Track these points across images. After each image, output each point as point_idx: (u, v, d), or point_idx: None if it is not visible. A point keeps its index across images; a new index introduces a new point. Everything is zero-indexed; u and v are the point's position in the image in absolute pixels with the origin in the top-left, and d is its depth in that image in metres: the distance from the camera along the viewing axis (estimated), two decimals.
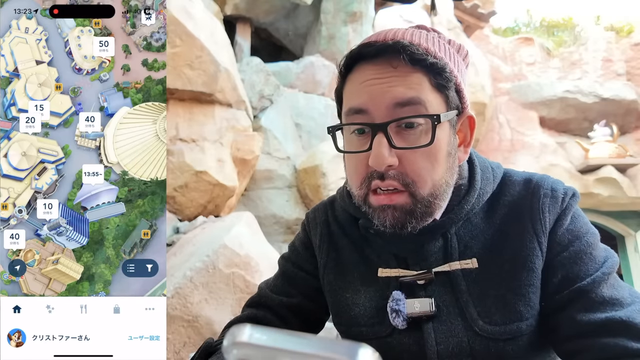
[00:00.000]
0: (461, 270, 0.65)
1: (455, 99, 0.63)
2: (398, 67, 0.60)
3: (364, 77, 0.62)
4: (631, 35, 6.20)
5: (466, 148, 0.68)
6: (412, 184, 0.60)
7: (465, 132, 0.68)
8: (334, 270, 0.75)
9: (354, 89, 0.63)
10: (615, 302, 0.58)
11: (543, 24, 7.34)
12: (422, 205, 0.61)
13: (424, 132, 0.60)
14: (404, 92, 0.59)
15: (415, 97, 0.59)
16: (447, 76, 0.61)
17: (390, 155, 0.58)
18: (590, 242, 0.64)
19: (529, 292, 0.62)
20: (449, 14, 5.54)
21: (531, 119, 5.67)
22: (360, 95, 0.61)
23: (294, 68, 4.34)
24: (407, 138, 0.60)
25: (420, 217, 0.61)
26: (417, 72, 0.60)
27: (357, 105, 0.61)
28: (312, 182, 3.52)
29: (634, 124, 5.66)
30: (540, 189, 0.66)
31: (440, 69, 0.61)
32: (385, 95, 0.59)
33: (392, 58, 0.60)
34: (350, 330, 0.71)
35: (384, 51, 0.60)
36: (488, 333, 0.62)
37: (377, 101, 0.60)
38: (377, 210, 0.62)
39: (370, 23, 4.68)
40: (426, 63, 0.60)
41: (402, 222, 0.61)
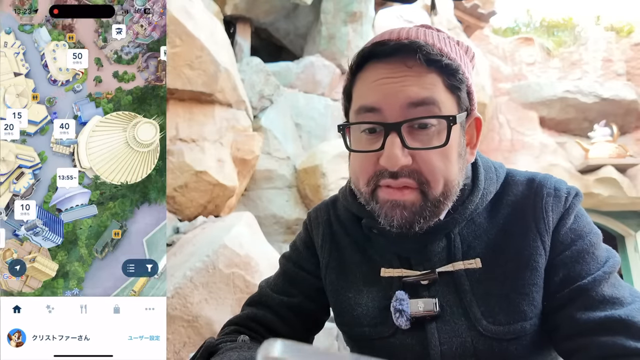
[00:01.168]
0: (465, 271, 0.65)
1: (465, 101, 0.63)
2: (413, 67, 0.59)
3: (377, 76, 0.61)
4: (631, 35, 6.19)
5: (472, 149, 0.68)
6: (426, 183, 0.59)
7: (471, 133, 0.68)
8: (336, 270, 0.74)
9: (366, 88, 0.62)
10: (615, 301, 0.58)
11: (543, 24, 7.34)
12: (432, 205, 0.60)
13: (437, 132, 0.59)
14: (418, 92, 0.58)
15: (430, 97, 0.58)
16: (460, 77, 0.61)
17: (403, 156, 0.58)
18: (593, 242, 0.64)
19: (532, 292, 0.62)
20: (449, 14, 5.54)
21: (531, 119, 5.67)
22: (372, 94, 0.61)
23: (294, 68, 4.34)
24: (420, 138, 0.59)
25: (429, 216, 0.61)
26: (431, 72, 0.59)
27: (370, 104, 0.61)
28: (312, 182, 3.52)
29: (634, 124, 5.66)
30: (543, 189, 0.66)
31: (454, 70, 0.60)
32: (398, 94, 0.59)
33: (407, 58, 0.59)
34: (353, 331, 0.70)
35: (399, 50, 0.59)
36: (492, 333, 0.62)
37: (391, 100, 0.59)
38: (385, 207, 0.61)
39: (370, 23, 4.68)
40: (441, 64, 0.59)
41: (411, 221, 0.60)
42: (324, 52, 4.48)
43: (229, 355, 0.60)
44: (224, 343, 0.66)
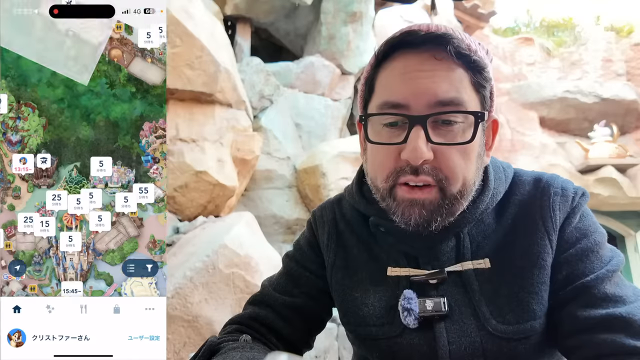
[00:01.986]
0: (473, 270, 0.64)
1: (488, 101, 0.63)
2: (442, 59, 0.58)
3: (405, 68, 0.59)
4: (631, 35, 6.20)
5: (488, 151, 0.67)
6: (444, 180, 0.59)
7: (488, 135, 0.67)
8: (342, 269, 0.74)
9: (392, 80, 0.61)
10: (617, 299, 0.58)
11: (543, 24, 7.35)
12: (449, 203, 0.60)
13: (462, 129, 0.59)
14: (446, 90, 0.58)
15: (457, 97, 0.58)
16: (486, 76, 0.61)
17: (427, 150, 0.57)
18: (598, 241, 0.64)
19: (541, 290, 0.62)
20: (449, 14, 5.55)
21: (531, 119, 5.68)
22: (399, 89, 0.59)
23: (294, 68, 4.34)
24: (444, 134, 0.59)
25: (446, 215, 0.60)
26: (459, 67, 0.59)
27: (396, 100, 0.59)
28: (312, 182, 3.52)
29: (634, 124, 5.67)
30: (550, 188, 0.66)
31: (481, 67, 0.60)
32: (427, 92, 0.58)
33: (437, 49, 0.58)
34: (359, 331, 0.70)
35: (429, 41, 0.58)
36: (501, 332, 0.62)
37: (418, 97, 0.58)
38: (403, 204, 0.60)
39: (370, 23, 4.68)
40: (470, 59, 0.59)
41: (428, 220, 0.60)
42: (324, 52, 4.48)
43: (231, 355, 0.60)
44: (226, 342, 0.66)
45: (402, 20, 5.03)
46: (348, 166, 3.54)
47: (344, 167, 3.53)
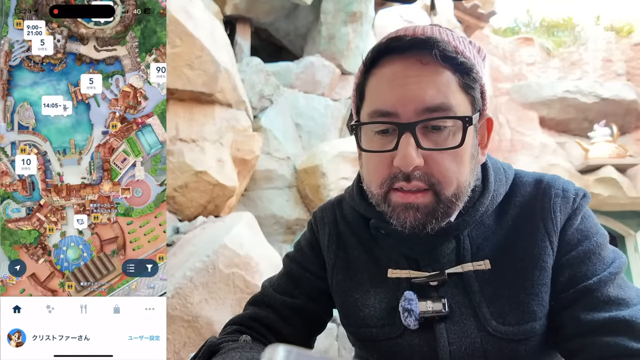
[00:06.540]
0: (474, 272, 0.64)
1: (479, 101, 0.63)
2: (428, 63, 0.58)
3: (392, 74, 0.60)
4: (631, 35, 6.20)
5: (483, 150, 0.67)
6: (437, 184, 0.59)
7: (483, 134, 0.67)
8: (343, 270, 0.74)
9: (381, 88, 0.61)
10: (620, 302, 0.58)
11: (543, 24, 7.35)
12: (444, 206, 0.60)
13: (452, 133, 0.59)
14: (434, 96, 0.58)
15: (445, 102, 0.58)
16: (474, 77, 0.61)
17: (417, 156, 0.57)
18: (599, 243, 0.63)
19: (541, 292, 0.62)
20: (449, 14, 5.55)
21: (531, 119, 5.68)
22: (388, 97, 0.60)
23: (294, 68, 4.34)
24: (434, 140, 0.59)
25: (441, 217, 0.61)
26: (446, 70, 0.59)
27: (385, 109, 0.60)
28: (312, 182, 3.52)
29: (634, 124, 5.67)
30: (551, 189, 0.66)
31: (468, 69, 0.60)
32: (415, 99, 0.58)
33: (422, 54, 0.58)
34: (360, 332, 0.70)
35: (415, 46, 0.59)
36: (501, 334, 0.62)
37: (407, 104, 0.58)
38: (398, 209, 0.61)
39: (370, 23, 4.68)
40: (456, 62, 0.59)
41: (423, 222, 0.60)
42: (324, 52, 4.48)
43: (231, 355, 0.60)
44: (226, 343, 0.66)
45: (402, 20, 5.03)
46: (348, 166, 3.54)
47: (344, 167, 3.53)
